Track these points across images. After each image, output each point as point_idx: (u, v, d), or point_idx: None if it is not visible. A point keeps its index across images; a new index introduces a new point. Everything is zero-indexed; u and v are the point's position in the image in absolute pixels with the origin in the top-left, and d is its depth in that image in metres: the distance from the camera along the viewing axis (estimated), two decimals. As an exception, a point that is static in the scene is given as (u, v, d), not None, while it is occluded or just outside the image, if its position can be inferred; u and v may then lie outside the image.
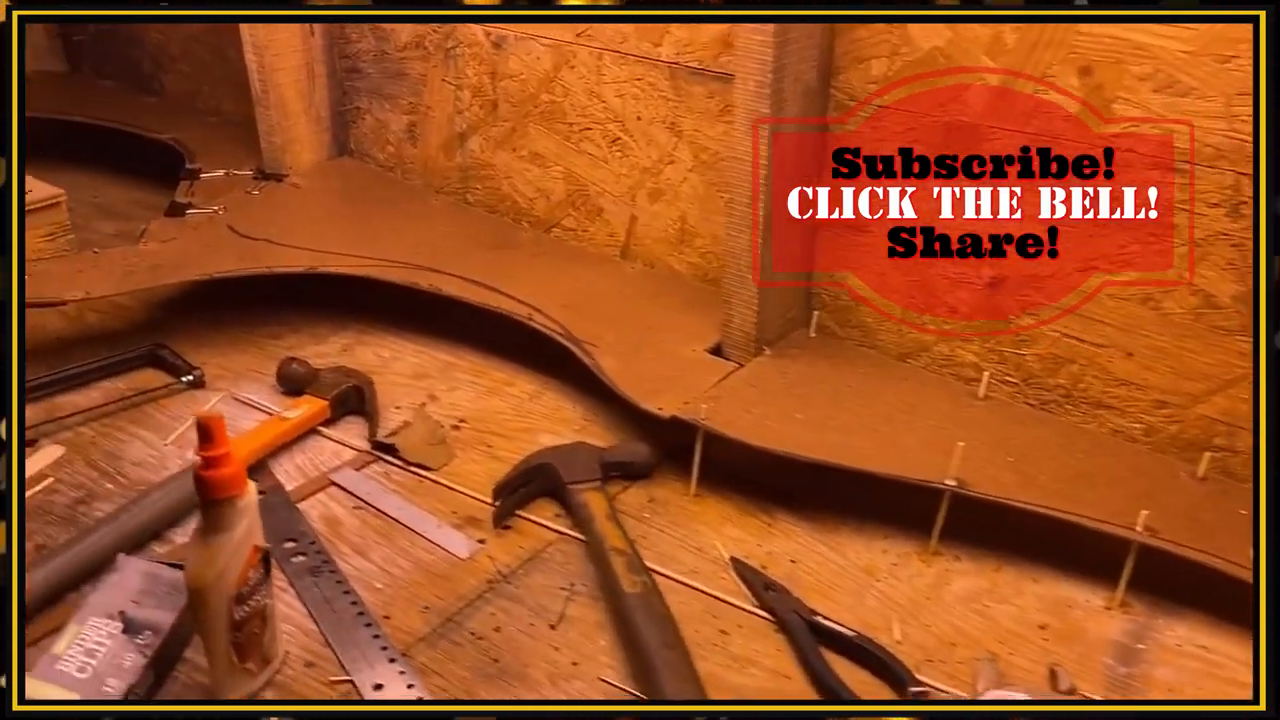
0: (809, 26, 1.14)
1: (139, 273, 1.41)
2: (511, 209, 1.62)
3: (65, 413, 1.30)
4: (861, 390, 1.22)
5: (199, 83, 2.01)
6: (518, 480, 1.14)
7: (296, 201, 1.65)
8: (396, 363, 1.45)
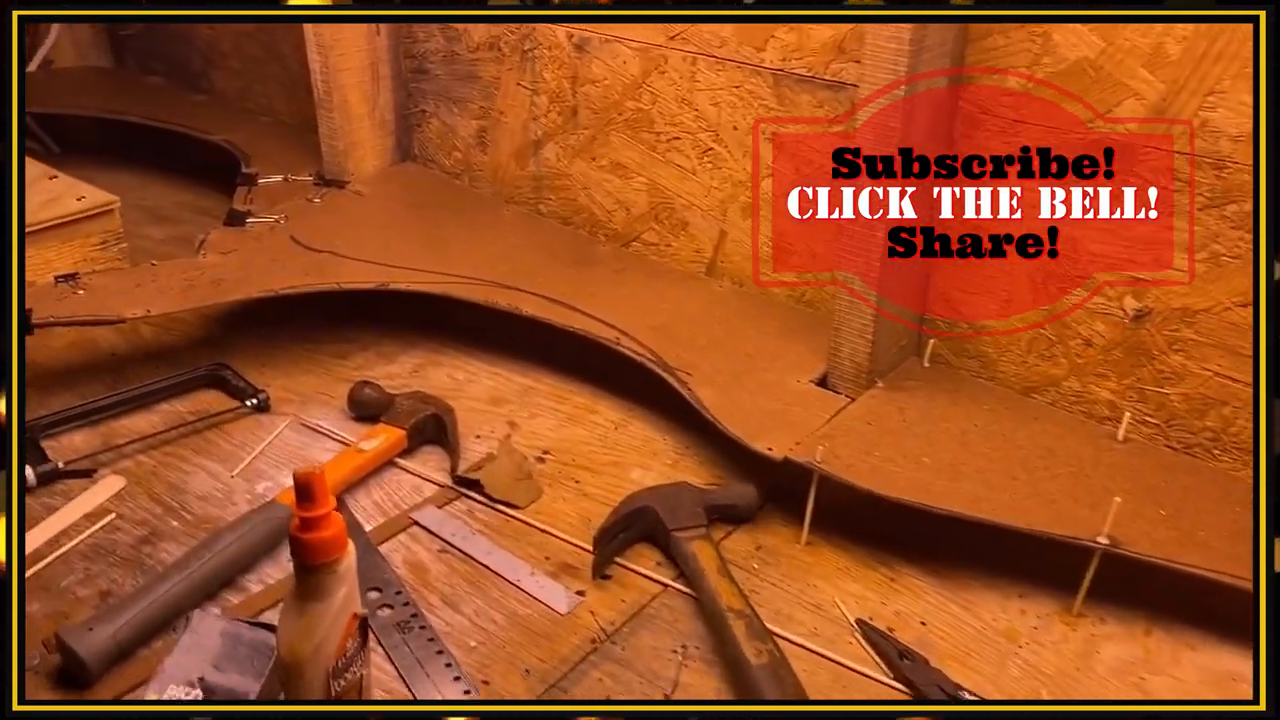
0: (943, 32, 1.05)
1: (200, 287, 1.32)
2: (588, 221, 1.53)
3: (124, 439, 1.22)
4: (990, 431, 1.12)
5: (250, 81, 1.92)
6: (618, 526, 1.05)
7: (361, 210, 1.56)
8: (472, 386, 1.36)
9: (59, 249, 1.46)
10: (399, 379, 1.37)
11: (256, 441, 1.24)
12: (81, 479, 1.16)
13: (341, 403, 1.31)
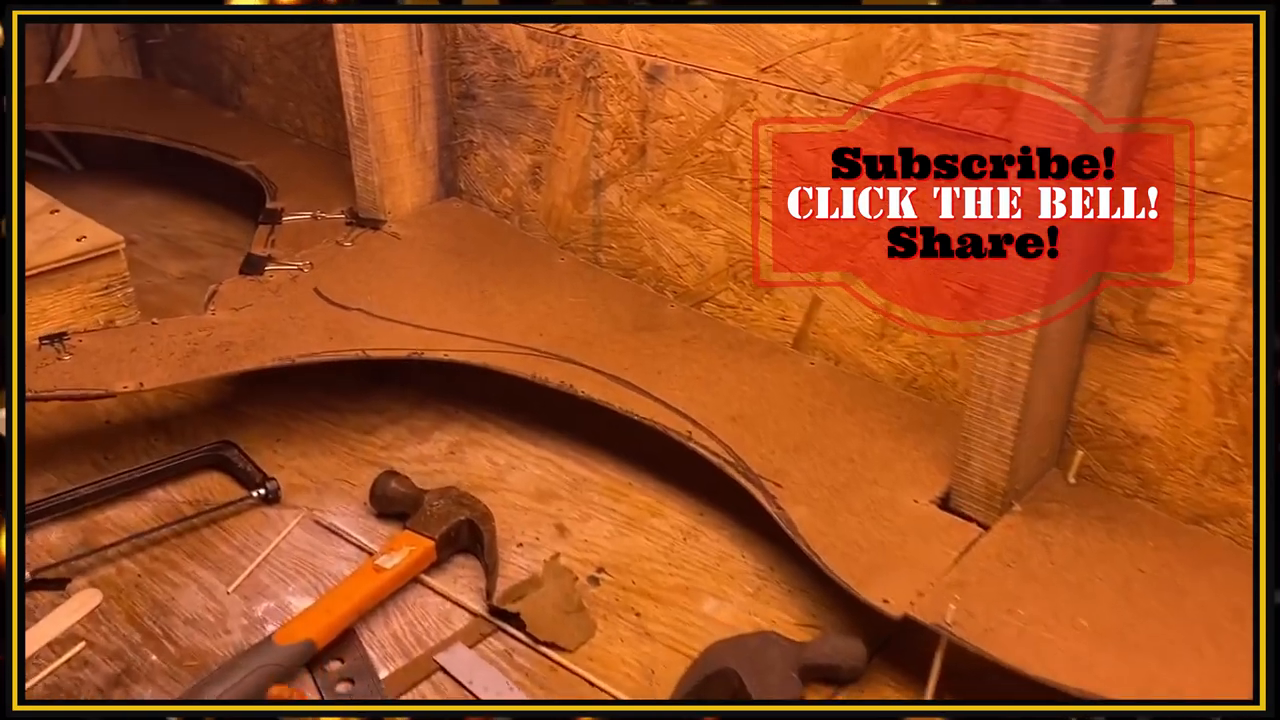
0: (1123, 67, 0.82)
1: (204, 354, 1.14)
2: (653, 275, 1.32)
3: (108, 535, 1.04)
4: (1159, 578, 0.89)
5: (284, 98, 1.74)
6: (690, 698, 0.84)
7: (397, 257, 1.36)
8: (515, 474, 1.16)
9: (54, 296, 1.28)
10: (432, 462, 1.17)
11: (260, 543, 1.05)
12: (52, 590, 0.98)
13: (364, 493, 1.11)
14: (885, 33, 1.01)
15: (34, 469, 1.14)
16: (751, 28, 1.10)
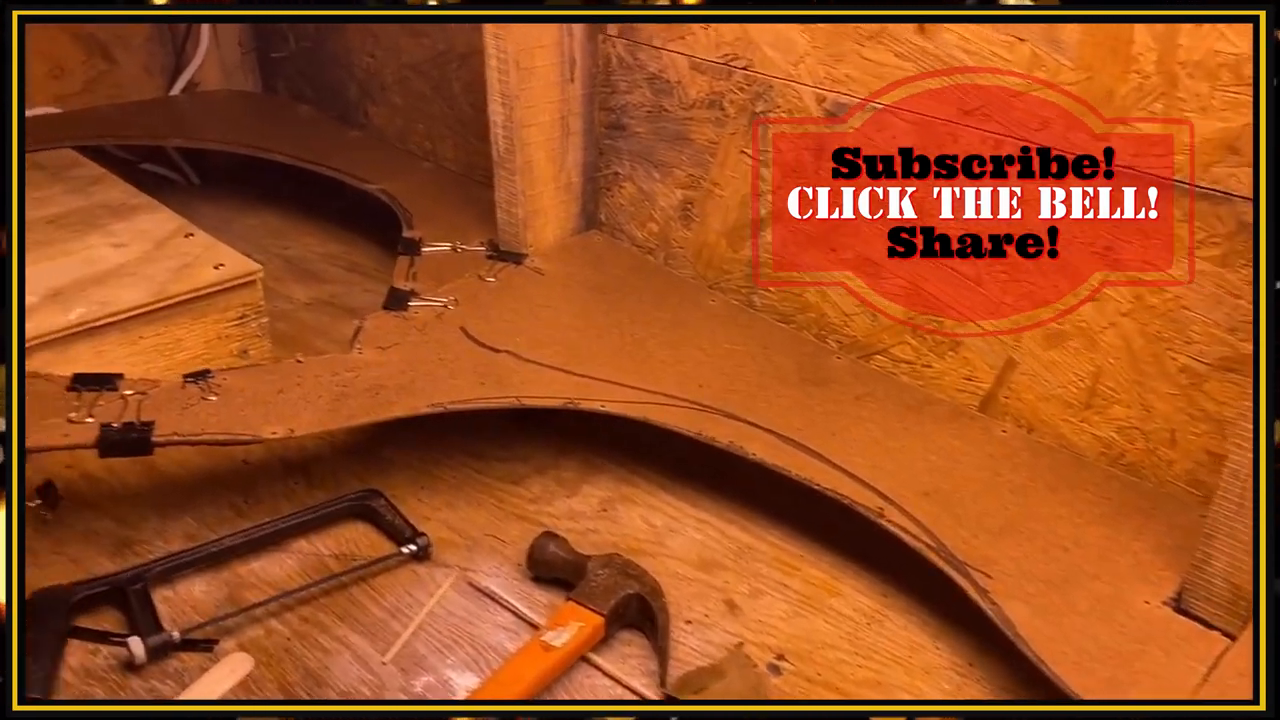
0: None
1: (353, 398, 1.07)
2: (815, 322, 1.23)
3: (253, 591, 0.98)
4: None
5: (413, 120, 1.69)
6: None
7: (541, 295, 1.30)
8: (674, 538, 1.08)
9: (190, 325, 1.24)
10: (584, 520, 1.10)
11: (413, 606, 0.98)
12: (201, 652, 0.92)
13: (516, 551, 1.05)
14: (1120, 78, 0.91)
15: (172, 512, 1.09)
16: (949, 59, 1.01)
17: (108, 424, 0.99)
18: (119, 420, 1.00)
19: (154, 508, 1.09)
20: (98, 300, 1.17)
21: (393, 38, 1.64)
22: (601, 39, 1.31)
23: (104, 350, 1.17)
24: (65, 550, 1.03)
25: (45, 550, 1.03)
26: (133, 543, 1.04)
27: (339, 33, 1.74)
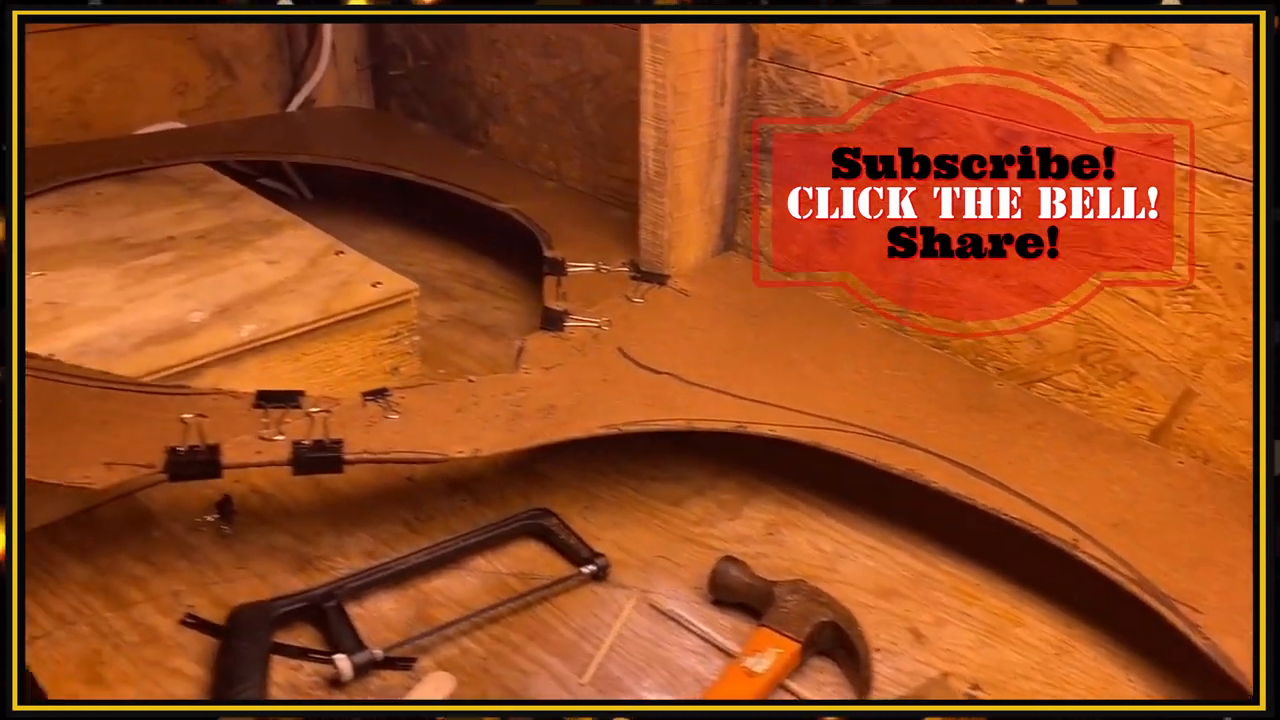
0: None
1: (529, 418, 1.08)
2: (972, 349, 1.23)
3: (440, 609, 0.99)
4: None
5: (537, 139, 1.71)
6: None
7: (691, 316, 1.30)
8: (846, 564, 1.08)
9: (349, 342, 1.25)
10: (752, 544, 1.10)
11: (599, 626, 0.99)
12: (401, 670, 0.93)
13: (690, 574, 1.05)
14: (1327, 111, 0.91)
15: (347, 528, 1.10)
16: (1143, 92, 1.01)
17: (299, 441, 1.00)
18: (309, 438, 1.01)
19: (329, 524, 1.10)
20: (266, 317, 1.19)
21: (521, 59, 1.65)
22: (752, 63, 1.32)
23: (270, 366, 1.19)
24: (249, 566, 1.04)
25: (229, 565, 1.04)
26: (313, 559, 1.05)
27: (462, 52, 1.76)
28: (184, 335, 1.15)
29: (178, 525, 1.09)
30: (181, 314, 1.19)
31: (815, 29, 1.25)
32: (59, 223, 1.41)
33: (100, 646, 0.93)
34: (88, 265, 1.29)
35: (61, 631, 0.95)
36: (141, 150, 1.66)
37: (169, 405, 1.03)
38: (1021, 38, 1.08)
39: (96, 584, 1.01)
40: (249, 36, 1.85)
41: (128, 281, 1.26)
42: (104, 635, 0.94)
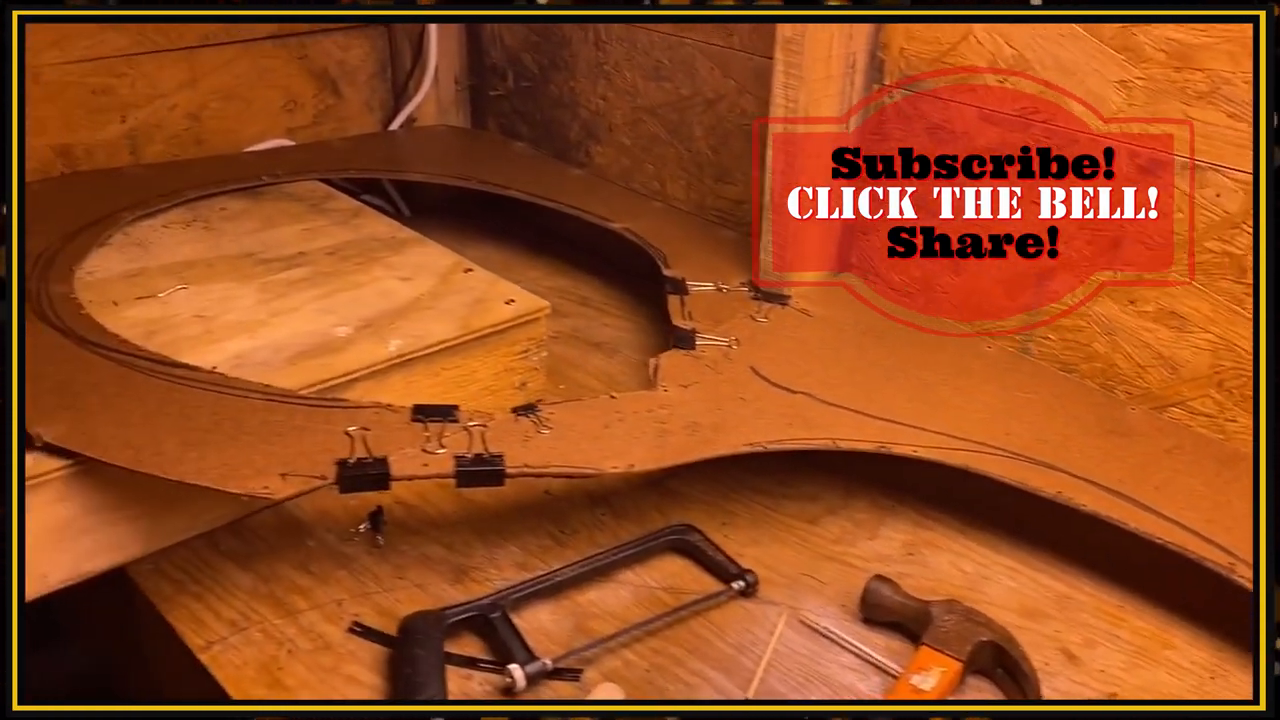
0: None
1: (674, 435, 1.10)
2: (1101, 372, 1.24)
3: (596, 621, 1.01)
4: None
5: (641, 160, 1.73)
6: None
7: (816, 337, 1.32)
8: (989, 585, 1.09)
9: (483, 358, 1.28)
10: (893, 564, 1.11)
11: (753, 641, 1.00)
12: (568, 681, 0.95)
13: (836, 591, 1.07)
14: None
15: (495, 539, 1.12)
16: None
17: (461, 455, 1.03)
18: (469, 451, 1.03)
19: (477, 535, 1.13)
20: (410, 333, 1.22)
21: (629, 81, 1.68)
22: (877, 88, 1.35)
23: (413, 381, 1.22)
24: (407, 576, 1.06)
25: (388, 575, 1.06)
26: (468, 569, 1.08)
27: (567, 74, 1.79)
28: (334, 350, 1.18)
29: (330, 535, 1.11)
30: (327, 328, 1.22)
31: (946, 55, 1.27)
32: (191, 237, 1.45)
33: (276, 653, 0.96)
34: (226, 279, 1.33)
35: (236, 637, 0.98)
36: (254, 167, 1.70)
37: (331, 418, 1.06)
38: (1168, 68, 1.09)
39: (262, 592, 1.03)
40: (355, 56, 1.89)
41: (268, 296, 1.29)
42: (278, 642, 0.97)
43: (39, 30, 1.55)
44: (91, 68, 1.61)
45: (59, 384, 1.05)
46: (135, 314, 1.23)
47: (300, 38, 1.81)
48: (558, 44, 1.78)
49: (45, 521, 0.98)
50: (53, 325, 1.15)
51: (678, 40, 1.58)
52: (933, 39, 1.27)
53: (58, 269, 1.29)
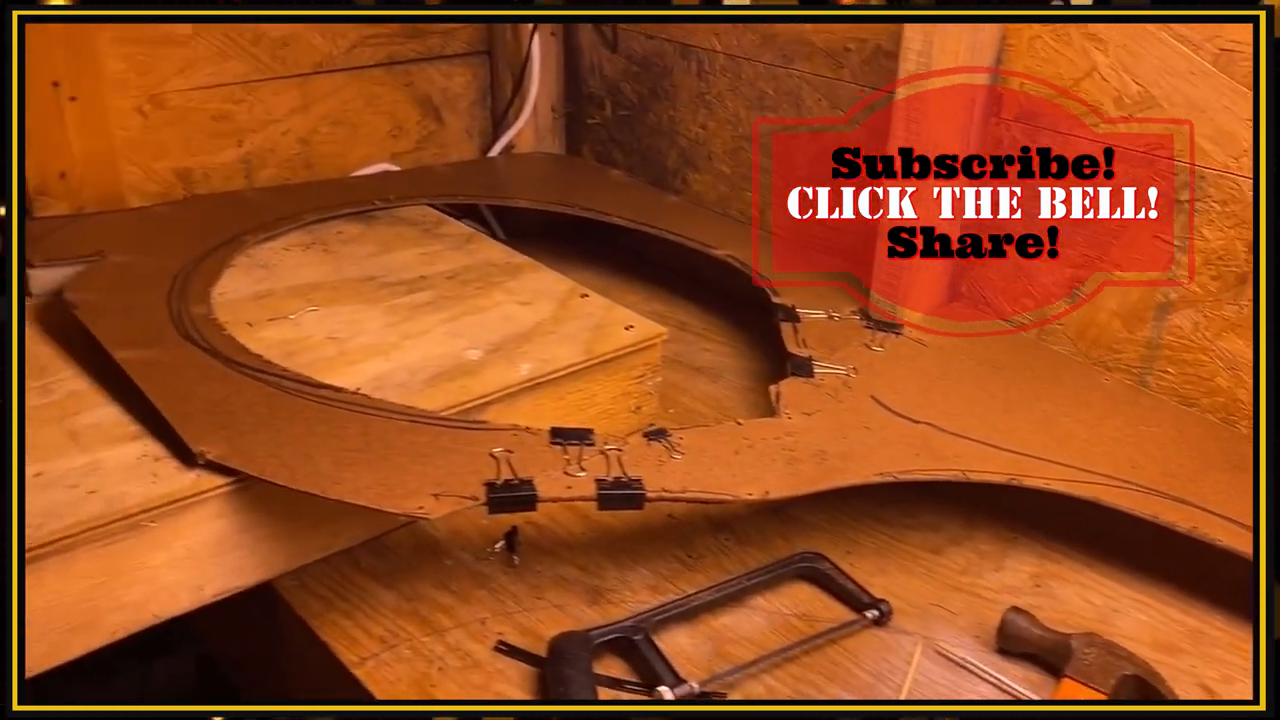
0: None
1: (804, 463, 1.12)
2: (1222, 406, 1.24)
3: (733, 645, 1.03)
4: None
5: (740, 188, 1.76)
6: None
7: (934, 366, 1.33)
8: (1120, 619, 1.09)
9: (604, 382, 1.30)
10: (1022, 596, 1.12)
11: (890, 670, 1.01)
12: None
13: (968, 622, 1.07)
14: None
15: (625, 561, 1.14)
16: None
17: (601, 478, 1.05)
18: (608, 475, 1.06)
19: (608, 557, 1.15)
20: (538, 357, 1.25)
21: (732, 110, 1.71)
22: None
23: (540, 404, 1.24)
24: (545, 596, 1.09)
25: (526, 595, 1.09)
26: (603, 591, 1.10)
27: (668, 103, 1.82)
28: (468, 373, 1.21)
29: (466, 554, 1.14)
30: (458, 351, 1.25)
31: (1067, 92, 1.28)
32: (311, 260, 1.49)
33: (426, 670, 0.98)
34: (352, 302, 1.37)
35: (387, 654, 1.00)
36: (362, 191, 1.74)
37: (474, 439, 1.08)
38: (1303, 105, 1.10)
39: (406, 609, 1.06)
40: (458, 84, 1.94)
41: (396, 318, 1.33)
42: (427, 659, 1.00)
43: (166, 57, 1.61)
44: (213, 94, 1.67)
45: (212, 403, 1.09)
46: (270, 335, 1.27)
47: (406, 65, 1.86)
48: (659, 74, 1.82)
49: (203, 536, 1.01)
50: (198, 345, 1.19)
51: (784, 71, 1.61)
52: (1054, 74, 1.29)
53: (194, 290, 1.33)
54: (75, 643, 0.96)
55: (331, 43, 1.75)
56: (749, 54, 1.65)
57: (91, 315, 1.24)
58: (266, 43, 1.68)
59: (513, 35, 1.91)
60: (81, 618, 0.95)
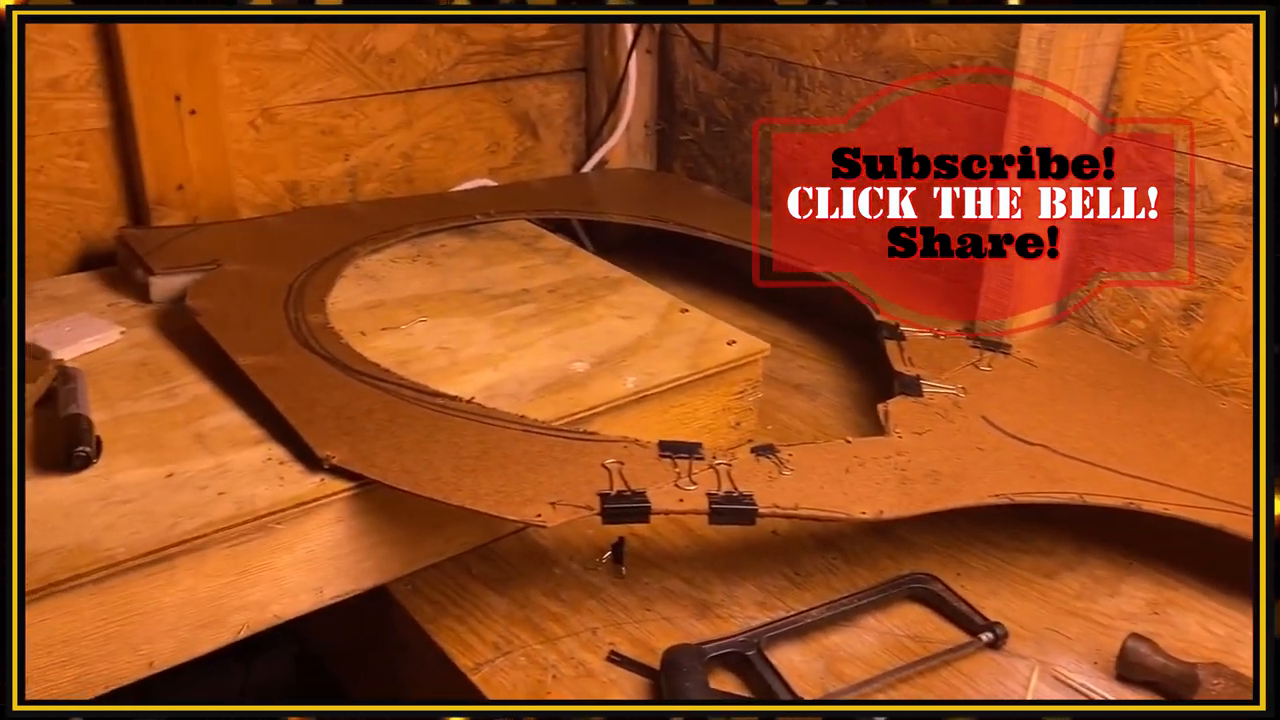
0: None
1: (917, 483, 1.11)
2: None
3: (846, 664, 1.02)
4: None
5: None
6: None
7: (1044, 387, 1.31)
8: (1244, 649, 1.06)
9: (706, 396, 1.31)
10: (1140, 623, 1.09)
11: (1006, 694, 0.99)
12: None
13: (1084, 647, 1.05)
14: None
15: (732, 577, 1.14)
16: None
17: (713, 493, 1.05)
18: (719, 489, 1.06)
19: (714, 571, 1.15)
20: (643, 370, 1.26)
21: (831, 127, 1.71)
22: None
23: (645, 417, 1.25)
24: (654, 608, 1.09)
25: (636, 606, 1.09)
26: (712, 605, 1.10)
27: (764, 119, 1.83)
28: (576, 385, 1.22)
29: (574, 564, 1.15)
30: (564, 363, 1.26)
31: (1188, 109, 1.26)
32: (418, 272, 1.52)
33: (542, 677, 0.99)
34: (460, 314, 1.39)
35: (502, 660, 1.02)
36: (463, 205, 1.78)
37: (586, 450, 1.09)
38: None
39: (518, 616, 1.07)
40: (555, 101, 1.96)
41: (502, 330, 1.35)
42: (542, 667, 1.01)
43: (277, 72, 1.66)
44: (322, 109, 1.72)
45: (334, 409, 1.11)
46: (384, 344, 1.30)
47: (506, 82, 1.89)
48: (755, 90, 1.82)
49: (324, 539, 1.04)
50: (317, 353, 1.23)
51: (887, 88, 1.60)
52: (1174, 92, 1.26)
53: (309, 299, 1.37)
54: (204, 639, 0.99)
55: (436, 59, 1.79)
56: (851, 70, 1.65)
57: (212, 322, 1.28)
58: (374, 59, 1.73)
59: (610, 52, 1.93)
60: (210, 615, 0.98)
